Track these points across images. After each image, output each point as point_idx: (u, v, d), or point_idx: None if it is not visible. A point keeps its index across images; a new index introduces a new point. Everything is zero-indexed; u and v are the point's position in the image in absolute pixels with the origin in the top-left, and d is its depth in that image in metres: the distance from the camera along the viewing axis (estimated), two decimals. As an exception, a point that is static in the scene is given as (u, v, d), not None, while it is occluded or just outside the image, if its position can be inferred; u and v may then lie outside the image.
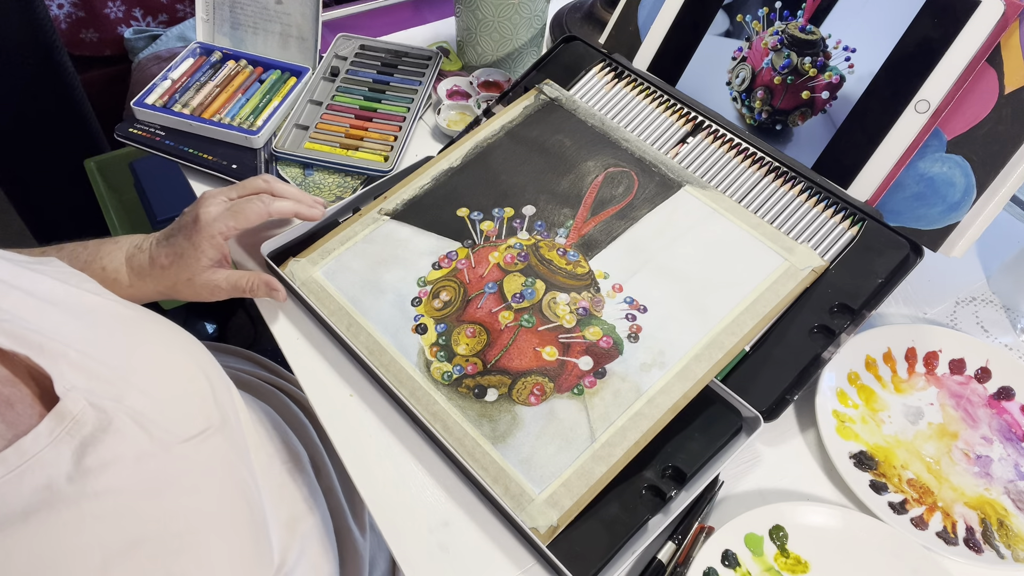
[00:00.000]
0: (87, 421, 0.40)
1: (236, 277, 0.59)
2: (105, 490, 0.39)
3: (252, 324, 1.45)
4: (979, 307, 0.68)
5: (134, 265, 0.58)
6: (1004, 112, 0.56)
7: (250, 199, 0.59)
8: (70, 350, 0.42)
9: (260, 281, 0.59)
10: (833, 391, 0.59)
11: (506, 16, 0.81)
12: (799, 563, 0.50)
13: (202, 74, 0.80)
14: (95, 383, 0.42)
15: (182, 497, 0.43)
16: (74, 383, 0.40)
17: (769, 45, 0.65)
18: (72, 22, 1.28)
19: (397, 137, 0.77)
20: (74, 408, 0.39)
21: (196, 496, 0.44)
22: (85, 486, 0.38)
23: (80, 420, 0.39)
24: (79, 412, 0.39)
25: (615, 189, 0.64)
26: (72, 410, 0.39)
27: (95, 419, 0.40)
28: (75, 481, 0.38)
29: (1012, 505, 0.54)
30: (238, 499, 0.47)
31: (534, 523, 0.48)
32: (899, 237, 0.59)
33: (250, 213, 0.58)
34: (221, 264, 0.59)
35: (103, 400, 0.41)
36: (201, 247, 0.57)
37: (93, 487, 0.38)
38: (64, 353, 0.41)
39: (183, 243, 0.57)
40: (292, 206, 0.60)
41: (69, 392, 0.40)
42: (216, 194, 0.59)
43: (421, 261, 0.61)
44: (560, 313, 0.57)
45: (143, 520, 0.40)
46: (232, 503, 0.46)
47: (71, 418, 0.39)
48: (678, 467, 0.51)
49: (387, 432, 0.55)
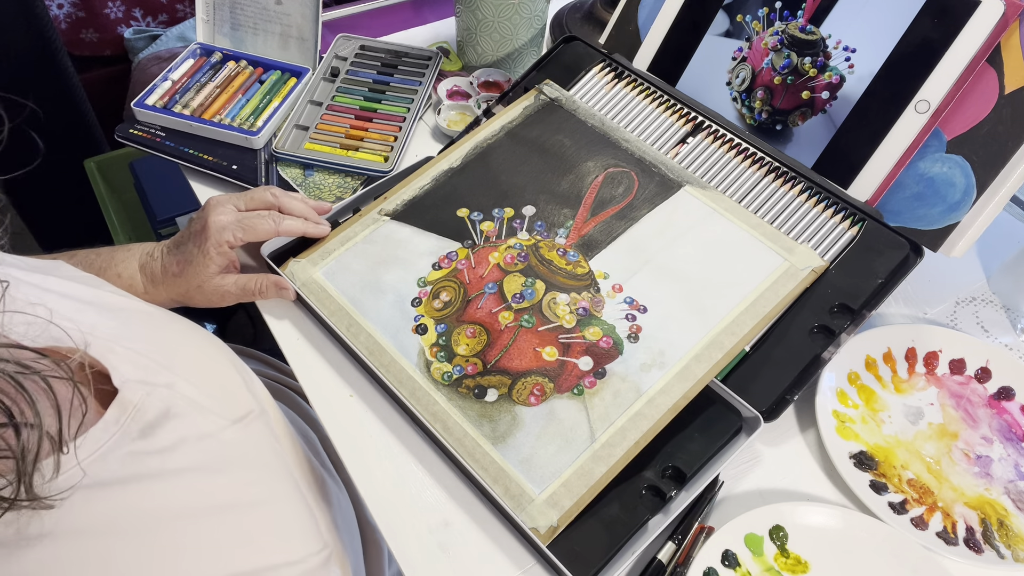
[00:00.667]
0: (148, 408, 0.41)
1: (245, 280, 0.60)
2: (182, 467, 0.41)
3: (252, 324, 1.45)
4: (979, 307, 0.68)
5: (148, 272, 0.60)
6: (1004, 112, 0.56)
7: (260, 215, 0.60)
8: (115, 344, 0.43)
9: (269, 283, 0.60)
10: (833, 391, 0.59)
11: (506, 16, 0.81)
12: (799, 563, 0.50)
13: (202, 75, 0.80)
14: (145, 373, 0.43)
15: (246, 471, 0.45)
16: (127, 375, 0.42)
17: (769, 45, 0.65)
18: (72, 22, 1.28)
19: (397, 137, 0.77)
20: (134, 397, 0.41)
21: (257, 471, 0.46)
22: (165, 463, 0.40)
23: (141, 408, 0.41)
24: (139, 401, 0.41)
25: (615, 189, 0.64)
26: (132, 399, 0.40)
27: (155, 407, 0.41)
28: (154, 457, 0.40)
29: (1012, 505, 0.54)
30: (288, 478, 0.49)
31: (534, 523, 0.48)
32: (899, 237, 0.59)
33: (259, 230, 0.59)
34: (229, 270, 0.60)
35: (157, 388, 0.43)
36: (210, 254, 0.58)
37: (172, 464, 0.40)
38: (111, 348, 0.43)
39: (192, 250, 0.58)
40: (300, 225, 0.61)
41: (127, 383, 0.41)
42: (224, 201, 0.60)
43: (421, 261, 0.61)
44: (560, 313, 0.57)
45: (220, 490, 0.42)
46: (286, 480, 0.48)
47: (133, 406, 0.40)
48: (678, 467, 0.51)
49: (387, 432, 0.55)
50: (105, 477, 0.38)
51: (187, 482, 0.41)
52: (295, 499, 0.48)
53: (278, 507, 0.46)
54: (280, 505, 0.46)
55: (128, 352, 0.44)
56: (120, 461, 0.38)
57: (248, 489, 0.44)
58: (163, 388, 0.43)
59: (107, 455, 0.38)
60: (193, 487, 0.41)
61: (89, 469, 0.37)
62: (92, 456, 0.37)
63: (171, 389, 0.44)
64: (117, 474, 0.38)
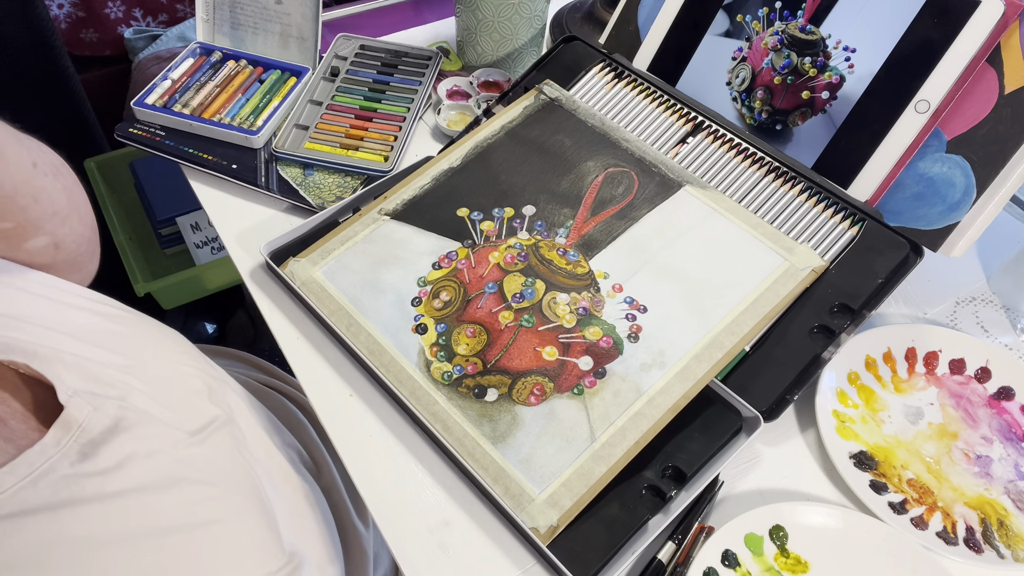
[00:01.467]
0: (94, 426, 0.39)
1: None
2: (124, 489, 0.39)
3: (252, 324, 1.45)
4: (979, 307, 0.68)
5: None
6: (1004, 112, 0.56)
7: None
8: (65, 353, 0.42)
9: None
10: (833, 391, 0.59)
11: (506, 16, 0.81)
12: (799, 563, 0.50)
13: (202, 74, 0.80)
14: (95, 384, 0.41)
15: (198, 487, 0.43)
16: (75, 387, 0.40)
17: (769, 45, 0.65)
18: (72, 22, 1.28)
19: (397, 137, 0.77)
20: (79, 415, 0.39)
21: (212, 487, 0.44)
22: (104, 486, 0.38)
23: (86, 427, 0.39)
24: (84, 419, 0.39)
25: (615, 189, 0.64)
26: (78, 417, 0.39)
27: (102, 423, 0.40)
28: (92, 480, 0.38)
29: (1012, 505, 0.54)
30: (249, 490, 0.47)
31: (534, 523, 0.48)
32: (899, 237, 0.59)
33: None
34: None
35: (106, 402, 0.41)
36: None
37: (112, 486, 0.38)
38: (60, 357, 0.41)
39: None
40: None
41: (72, 398, 0.39)
42: None
43: (421, 261, 0.61)
44: (560, 313, 0.57)
45: (166, 512, 0.40)
46: (245, 493, 0.47)
47: (77, 426, 0.39)
48: (678, 467, 0.51)
49: (387, 432, 0.55)
50: (33, 504, 0.35)
51: (128, 504, 0.39)
52: (252, 513, 0.46)
53: (231, 525, 0.44)
54: (234, 523, 0.44)
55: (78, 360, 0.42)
56: (52, 486, 0.36)
57: (197, 508, 0.42)
58: (113, 400, 0.41)
59: (38, 480, 0.36)
60: (134, 509, 0.39)
61: (15, 496, 0.35)
62: (22, 482, 0.35)
63: (123, 401, 0.42)
64: (48, 500, 0.36)
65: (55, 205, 0.49)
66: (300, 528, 0.57)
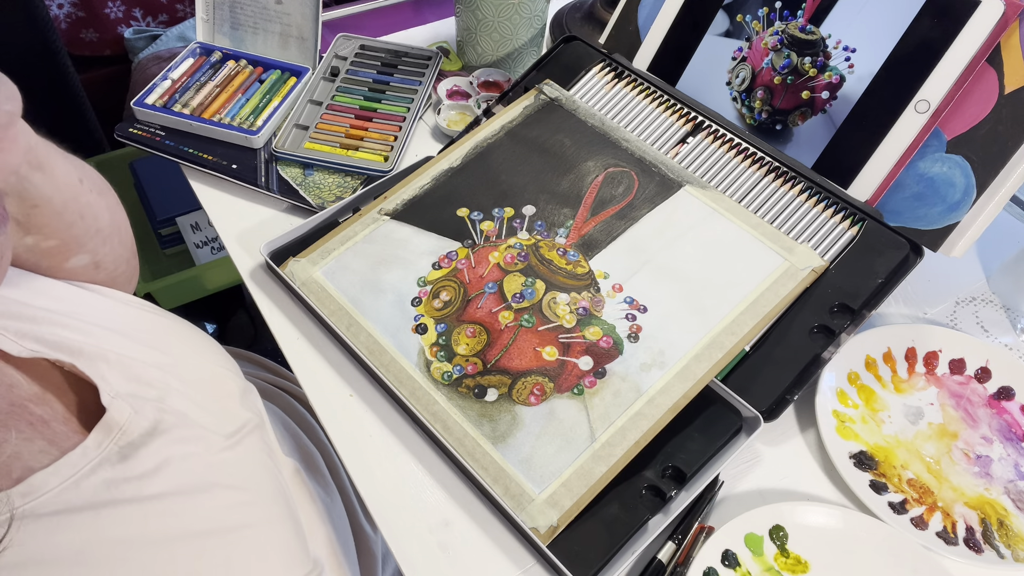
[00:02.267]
0: (134, 429, 0.40)
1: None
2: (162, 492, 0.40)
3: (252, 324, 1.45)
4: (979, 307, 0.68)
5: None
6: (1004, 112, 0.56)
7: None
8: (110, 351, 0.42)
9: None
10: (833, 391, 0.59)
11: (506, 16, 0.81)
12: (799, 563, 0.50)
13: (202, 74, 0.80)
14: (136, 385, 0.42)
15: (231, 492, 0.44)
16: (117, 389, 0.40)
17: (769, 45, 0.65)
18: (72, 22, 1.28)
19: (397, 137, 0.77)
20: (120, 418, 0.39)
21: (244, 492, 0.45)
22: (142, 488, 0.39)
23: (127, 429, 0.40)
24: (125, 422, 0.40)
25: (615, 189, 0.64)
26: (119, 420, 0.39)
27: (141, 425, 0.40)
28: (131, 483, 0.38)
29: (1012, 505, 0.54)
30: (278, 495, 0.48)
31: (534, 523, 0.48)
32: (899, 237, 0.59)
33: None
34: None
35: (146, 404, 0.41)
36: None
37: (150, 489, 0.39)
38: (104, 355, 0.41)
39: None
40: None
41: (114, 400, 0.40)
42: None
43: (421, 261, 0.61)
44: (560, 313, 0.57)
45: (200, 516, 0.41)
46: (274, 498, 0.47)
47: (118, 428, 0.39)
48: (678, 467, 0.51)
49: (387, 432, 0.55)
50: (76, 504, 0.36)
51: (165, 507, 0.39)
52: (282, 519, 0.47)
53: (262, 530, 0.44)
54: (264, 528, 0.45)
55: (121, 359, 0.42)
56: (94, 488, 0.37)
57: (231, 512, 0.43)
58: (152, 403, 0.42)
59: (80, 482, 0.37)
60: (171, 513, 0.40)
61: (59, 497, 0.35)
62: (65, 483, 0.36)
63: (161, 403, 0.42)
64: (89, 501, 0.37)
65: (99, 223, 0.50)
66: (317, 534, 0.57)
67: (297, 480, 0.57)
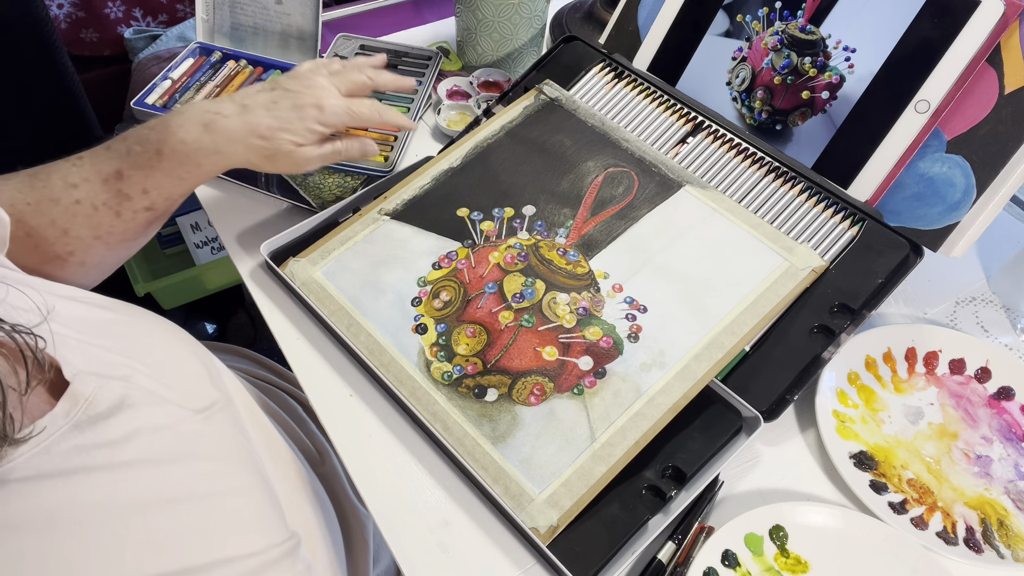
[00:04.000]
0: (101, 400, 0.40)
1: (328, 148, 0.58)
2: (133, 459, 0.40)
3: (252, 324, 1.45)
4: (979, 307, 0.68)
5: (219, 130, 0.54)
6: (1004, 112, 0.56)
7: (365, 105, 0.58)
8: (69, 337, 0.42)
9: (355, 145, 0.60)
10: (833, 391, 0.59)
11: (506, 16, 0.81)
12: (799, 563, 0.50)
13: (202, 74, 0.80)
14: (100, 366, 0.42)
15: (204, 462, 0.44)
16: (80, 367, 0.41)
17: (769, 45, 0.65)
18: (72, 22, 1.28)
19: (397, 137, 0.77)
20: (85, 390, 0.40)
21: (216, 462, 0.45)
22: (115, 455, 0.39)
23: (93, 400, 0.40)
24: (91, 393, 0.40)
25: (615, 189, 0.64)
26: (84, 392, 0.40)
27: (108, 398, 0.41)
28: (103, 450, 0.39)
29: (1012, 505, 0.54)
30: (252, 468, 0.48)
31: (534, 523, 0.48)
32: (899, 237, 0.59)
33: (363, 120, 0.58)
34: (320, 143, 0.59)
35: (111, 381, 0.42)
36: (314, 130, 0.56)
37: (123, 456, 0.40)
38: (64, 342, 0.42)
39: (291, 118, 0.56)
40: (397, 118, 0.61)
41: (77, 375, 0.40)
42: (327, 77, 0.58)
43: (421, 261, 0.61)
44: (560, 313, 0.57)
45: (173, 483, 0.41)
46: (248, 471, 0.48)
47: (84, 399, 0.40)
48: (678, 467, 0.51)
49: (387, 432, 0.55)
50: (47, 470, 0.37)
51: (137, 474, 0.40)
52: (258, 490, 0.47)
53: (236, 499, 0.45)
54: (239, 497, 0.45)
55: (82, 344, 0.43)
56: (64, 454, 0.37)
57: (204, 480, 0.43)
58: (118, 380, 0.42)
59: (51, 448, 0.37)
60: (143, 479, 0.40)
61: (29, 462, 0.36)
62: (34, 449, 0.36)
63: (127, 381, 0.43)
64: (60, 467, 0.37)
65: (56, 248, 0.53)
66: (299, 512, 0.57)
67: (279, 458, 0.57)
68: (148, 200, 0.54)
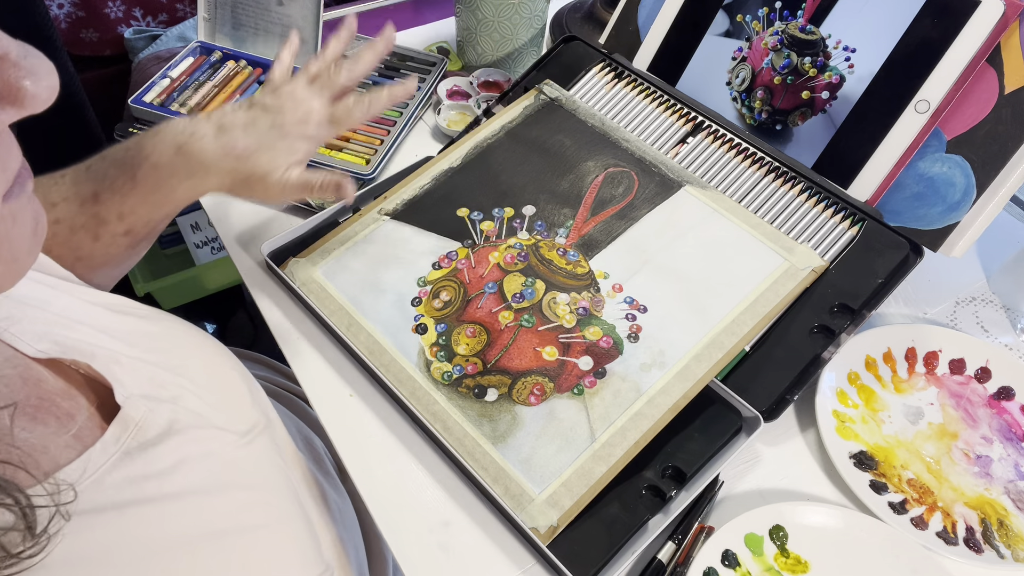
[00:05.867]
0: (150, 426, 0.40)
1: (308, 176, 0.52)
2: (181, 490, 0.39)
3: (252, 324, 1.45)
4: (979, 307, 0.68)
5: (191, 153, 0.50)
6: (1004, 112, 0.56)
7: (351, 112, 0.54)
8: (121, 355, 0.42)
9: (331, 180, 0.53)
10: (833, 391, 0.59)
11: (506, 16, 0.81)
12: (799, 563, 0.50)
13: (201, 73, 0.80)
14: (150, 387, 0.42)
15: (247, 492, 0.43)
16: (132, 390, 0.40)
17: (769, 45, 0.65)
18: (72, 22, 1.28)
19: (383, 141, 0.76)
20: (136, 415, 0.39)
21: (258, 491, 0.44)
22: (163, 486, 0.38)
23: (143, 426, 0.39)
24: (141, 418, 0.39)
25: (615, 189, 0.64)
26: (134, 417, 0.39)
27: (157, 424, 0.40)
28: (151, 481, 0.38)
29: (1012, 505, 0.54)
30: (291, 495, 0.48)
31: (534, 523, 0.48)
32: (899, 237, 0.59)
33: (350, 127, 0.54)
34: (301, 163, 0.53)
35: (161, 404, 0.41)
36: (295, 148, 0.51)
37: (170, 487, 0.39)
38: (116, 358, 0.41)
39: (270, 135, 0.51)
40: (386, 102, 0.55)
41: (128, 399, 0.39)
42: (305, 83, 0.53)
43: (421, 261, 0.61)
44: (560, 313, 0.57)
45: (219, 514, 0.41)
46: (288, 499, 0.47)
47: (134, 424, 0.39)
48: (678, 467, 0.51)
49: (387, 432, 0.55)
50: (101, 502, 0.36)
51: (185, 506, 0.39)
52: (296, 519, 0.47)
53: (278, 530, 0.44)
54: (279, 528, 0.45)
55: (134, 362, 0.42)
56: (116, 486, 0.37)
57: (248, 512, 0.42)
58: (167, 403, 0.42)
59: (103, 479, 0.36)
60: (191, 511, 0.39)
61: (84, 494, 0.35)
62: (89, 479, 0.36)
63: (175, 404, 0.42)
64: (113, 499, 0.36)
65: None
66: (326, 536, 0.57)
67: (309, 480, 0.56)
68: (125, 225, 0.51)
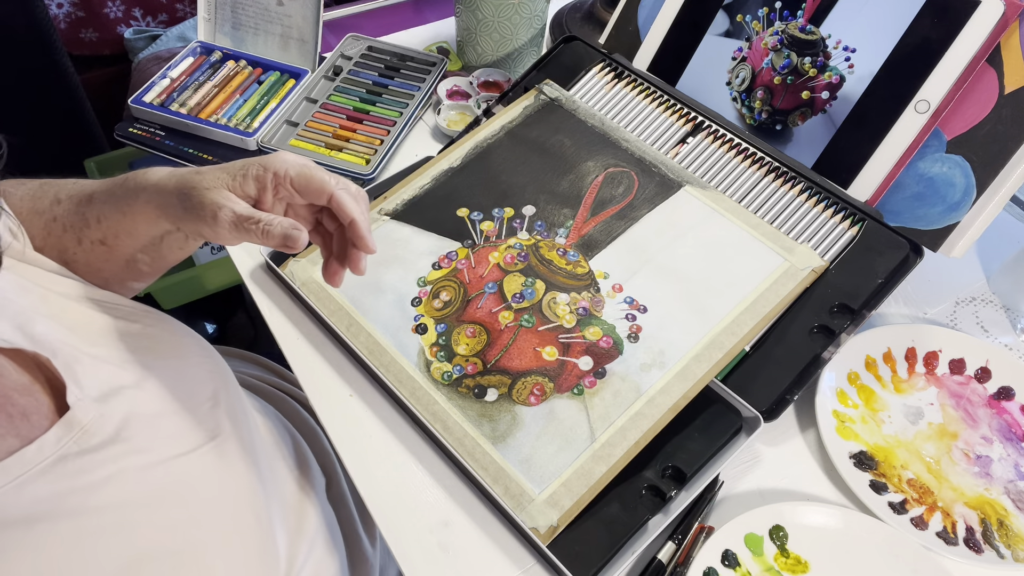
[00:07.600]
0: (96, 432, 0.39)
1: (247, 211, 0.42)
2: (106, 505, 0.38)
3: (252, 324, 1.45)
4: (979, 307, 0.68)
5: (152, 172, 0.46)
6: (1004, 112, 0.56)
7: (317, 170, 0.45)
8: (84, 355, 0.41)
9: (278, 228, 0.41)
10: (833, 391, 0.59)
11: (506, 16, 0.81)
12: (799, 563, 0.50)
13: (201, 73, 0.80)
14: (108, 389, 0.41)
15: (184, 509, 0.42)
16: (87, 391, 0.40)
17: (769, 45, 0.65)
18: (72, 22, 1.28)
19: (383, 141, 0.76)
20: (84, 418, 0.39)
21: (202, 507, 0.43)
22: (87, 500, 0.38)
23: (89, 430, 0.39)
24: (89, 422, 0.39)
25: (615, 189, 0.64)
26: (82, 420, 0.39)
27: (104, 430, 0.39)
28: (77, 494, 0.37)
29: (1012, 505, 0.54)
30: (242, 508, 0.47)
31: (534, 523, 0.48)
32: (899, 237, 0.59)
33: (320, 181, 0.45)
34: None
35: (115, 409, 0.41)
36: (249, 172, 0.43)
37: (95, 501, 0.38)
38: (78, 358, 0.41)
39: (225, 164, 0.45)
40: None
41: (79, 402, 0.39)
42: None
43: (421, 261, 0.61)
44: (560, 313, 0.57)
45: (142, 536, 0.39)
46: (234, 513, 0.46)
47: (80, 427, 0.38)
48: (678, 467, 0.51)
49: (387, 432, 0.55)
50: (12, 515, 0.35)
51: (106, 523, 0.38)
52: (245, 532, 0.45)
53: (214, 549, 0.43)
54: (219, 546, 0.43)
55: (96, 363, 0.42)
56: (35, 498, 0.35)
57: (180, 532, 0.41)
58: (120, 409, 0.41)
59: (23, 487, 0.35)
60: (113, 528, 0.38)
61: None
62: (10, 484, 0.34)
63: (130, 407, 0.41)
64: (27, 512, 0.35)
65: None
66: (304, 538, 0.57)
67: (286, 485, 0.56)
68: (100, 232, 0.48)
